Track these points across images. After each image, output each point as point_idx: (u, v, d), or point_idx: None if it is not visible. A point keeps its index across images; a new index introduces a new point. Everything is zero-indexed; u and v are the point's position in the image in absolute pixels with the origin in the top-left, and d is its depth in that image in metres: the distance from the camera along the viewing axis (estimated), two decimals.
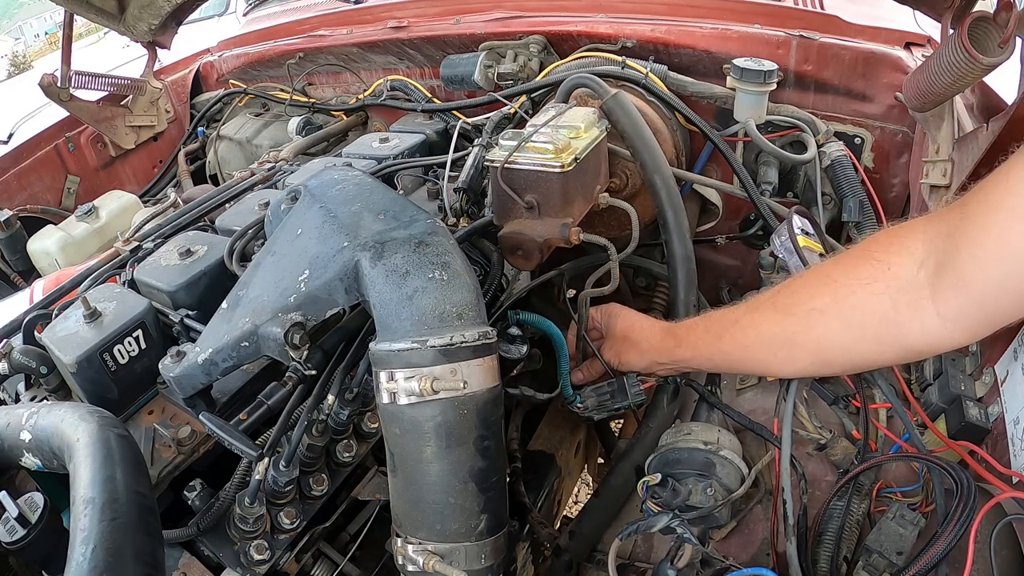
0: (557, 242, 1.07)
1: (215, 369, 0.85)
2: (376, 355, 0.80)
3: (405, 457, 0.80)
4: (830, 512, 0.91)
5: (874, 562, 0.83)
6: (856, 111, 1.46)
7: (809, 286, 0.90)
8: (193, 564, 0.89)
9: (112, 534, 0.61)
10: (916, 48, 1.41)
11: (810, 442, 1.03)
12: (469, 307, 0.81)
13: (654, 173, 1.22)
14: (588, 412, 1.16)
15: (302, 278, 0.84)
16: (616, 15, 1.65)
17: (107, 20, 2.17)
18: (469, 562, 0.79)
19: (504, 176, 1.08)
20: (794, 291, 0.91)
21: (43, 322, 1.03)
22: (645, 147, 1.24)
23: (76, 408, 0.76)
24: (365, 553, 1.06)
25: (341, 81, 2.26)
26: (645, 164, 1.24)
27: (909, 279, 0.77)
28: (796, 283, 0.92)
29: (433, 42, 1.90)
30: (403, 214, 0.88)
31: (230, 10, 3.23)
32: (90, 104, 2.25)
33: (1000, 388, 0.91)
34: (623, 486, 1.15)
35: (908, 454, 0.93)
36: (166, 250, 1.13)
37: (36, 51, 36.86)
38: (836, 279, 0.86)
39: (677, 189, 1.23)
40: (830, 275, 0.87)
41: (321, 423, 0.95)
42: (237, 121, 2.37)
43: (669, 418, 1.17)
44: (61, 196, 2.28)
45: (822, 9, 1.52)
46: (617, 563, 0.91)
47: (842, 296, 0.84)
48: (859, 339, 0.84)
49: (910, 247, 0.78)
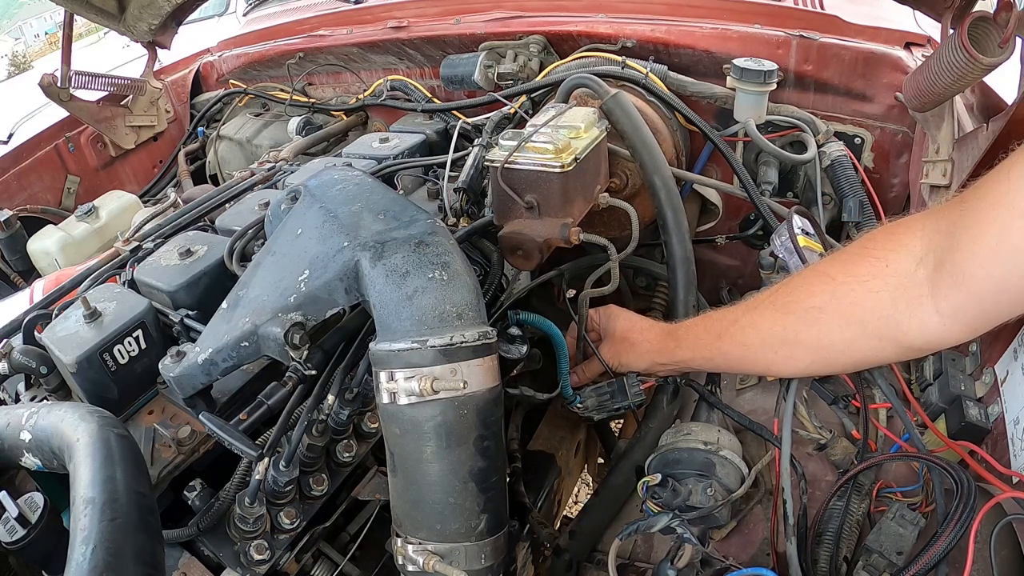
0: (557, 242, 1.07)
1: (215, 369, 0.85)
2: (376, 355, 0.80)
3: (405, 457, 0.80)
4: (830, 512, 0.91)
5: (874, 562, 0.83)
6: (856, 111, 1.46)
7: (807, 284, 0.90)
8: (193, 564, 0.89)
9: (112, 534, 0.61)
10: (916, 48, 1.41)
11: (810, 442, 1.03)
12: (469, 307, 0.81)
13: (653, 173, 1.23)
14: (588, 412, 1.16)
15: (302, 278, 0.84)
16: (616, 15, 1.65)
17: (107, 20, 2.17)
18: (469, 562, 0.79)
19: (504, 176, 1.08)
20: (792, 289, 0.91)
21: (43, 322, 1.03)
22: (645, 147, 1.24)
23: (76, 408, 0.76)
24: (365, 553, 1.06)
25: (341, 81, 2.26)
26: (644, 164, 1.24)
27: (907, 276, 0.77)
28: (794, 282, 0.92)
29: (433, 42, 1.90)
30: (403, 214, 0.88)
31: (230, 10, 3.23)
32: (90, 104, 2.25)
33: (1000, 388, 0.91)
34: (623, 486, 1.15)
35: (907, 453, 0.93)
36: (166, 250, 1.13)
37: (36, 51, 36.87)
38: (834, 277, 0.85)
39: (676, 190, 1.24)
40: (828, 273, 0.87)
41: (321, 423, 0.95)
42: (237, 121, 2.37)
43: (669, 418, 1.17)
44: (61, 196, 2.28)
45: (822, 9, 1.52)
46: (617, 563, 0.91)
47: (840, 294, 0.84)
48: (858, 336, 0.84)
49: (908, 244, 0.78)
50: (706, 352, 1.02)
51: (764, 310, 0.94)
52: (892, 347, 0.83)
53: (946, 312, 0.75)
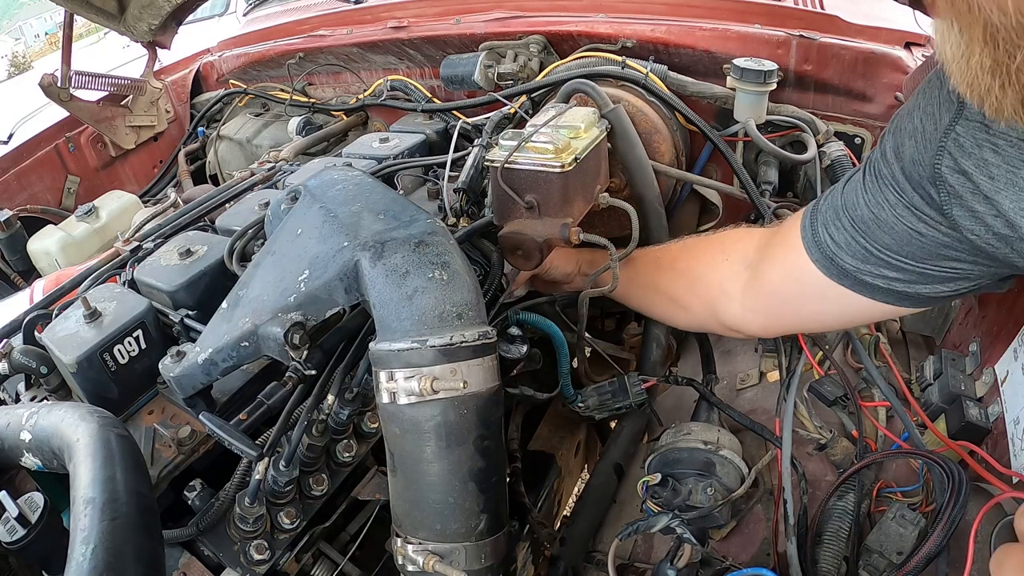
0: (557, 242, 1.07)
1: (215, 369, 0.85)
2: (376, 355, 0.80)
3: (405, 457, 0.80)
4: (830, 512, 0.91)
5: (874, 562, 0.83)
6: (856, 111, 1.46)
7: (683, 249, 1.11)
8: (193, 564, 0.89)
9: (112, 534, 0.61)
10: (916, 48, 1.41)
11: (810, 442, 1.03)
12: (469, 307, 0.81)
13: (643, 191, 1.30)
14: (589, 412, 1.16)
15: (302, 278, 0.84)
16: (616, 15, 1.65)
17: (107, 20, 2.17)
18: (469, 562, 0.79)
19: (504, 176, 1.08)
20: (672, 249, 1.14)
21: (43, 322, 1.03)
22: (639, 167, 1.29)
23: (76, 408, 0.76)
24: (365, 553, 1.06)
25: (341, 81, 2.26)
26: (635, 183, 1.30)
27: (735, 272, 0.98)
28: (678, 244, 1.13)
29: (433, 42, 1.90)
30: (403, 214, 0.88)
31: (230, 10, 3.24)
32: (90, 104, 2.25)
33: (1000, 388, 0.91)
34: (605, 485, 1.17)
35: (904, 451, 0.93)
36: (166, 250, 1.13)
37: (36, 51, 36.91)
38: (695, 254, 1.08)
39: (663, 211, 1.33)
40: (696, 247, 1.09)
41: (321, 423, 0.95)
42: (237, 121, 2.37)
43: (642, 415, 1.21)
44: (61, 196, 2.28)
45: (822, 9, 1.52)
46: (617, 563, 0.92)
47: (694, 266, 1.07)
48: (695, 303, 1.07)
49: (746, 247, 0.99)
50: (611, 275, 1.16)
51: (650, 257, 1.16)
52: (714, 322, 1.05)
53: (748, 308, 0.97)
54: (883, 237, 0.74)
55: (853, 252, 0.77)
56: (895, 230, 0.72)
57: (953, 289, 0.74)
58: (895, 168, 0.71)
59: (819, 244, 0.81)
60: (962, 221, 0.65)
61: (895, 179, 0.71)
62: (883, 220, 0.73)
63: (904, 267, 0.74)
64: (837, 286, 0.80)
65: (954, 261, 0.70)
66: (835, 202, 0.81)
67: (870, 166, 0.76)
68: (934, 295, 0.75)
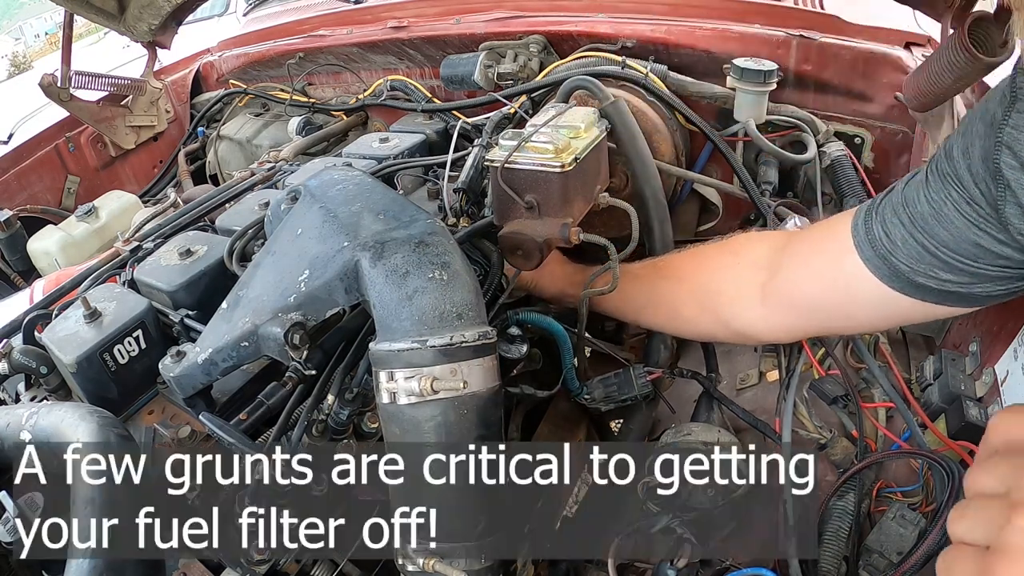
0: (557, 242, 1.07)
1: (215, 369, 0.85)
2: (376, 355, 0.80)
3: None
4: (830, 512, 0.91)
5: (874, 562, 0.83)
6: (856, 111, 1.46)
7: (685, 259, 1.08)
8: (193, 564, 0.89)
9: (112, 534, 0.61)
10: (916, 48, 1.41)
11: (810, 442, 1.03)
12: (469, 307, 0.81)
13: (644, 184, 1.27)
14: (596, 403, 1.16)
15: (302, 278, 0.84)
16: (616, 15, 1.65)
17: (107, 20, 2.17)
18: (469, 562, 0.79)
19: (504, 176, 1.08)
20: (672, 260, 1.11)
21: (43, 322, 1.04)
22: (639, 158, 1.26)
23: (76, 408, 0.76)
24: None
25: (341, 81, 2.25)
26: (636, 174, 1.27)
27: (750, 278, 0.95)
28: (677, 255, 1.10)
29: (433, 42, 1.90)
30: (403, 214, 0.88)
31: (230, 10, 3.23)
32: (90, 104, 2.25)
33: (1000, 388, 0.91)
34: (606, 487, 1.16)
35: (904, 451, 0.93)
36: (166, 250, 1.13)
37: (36, 51, 36.89)
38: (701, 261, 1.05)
39: (665, 202, 1.29)
40: (701, 253, 1.07)
41: (321, 423, 0.95)
42: (237, 121, 2.37)
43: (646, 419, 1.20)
44: (61, 196, 2.28)
45: (822, 9, 1.52)
46: (617, 563, 0.91)
47: (699, 274, 1.04)
48: (701, 313, 1.03)
49: (759, 252, 0.97)
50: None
51: (648, 270, 1.12)
52: (723, 329, 1.01)
53: (769, 312, 0.93)
54: (941, 233, 0.72)
55: (908, 249, 0.75)
56: (955, 224, 0.70)
57: (1007, 289, 0.72)
58: (960, 166, 0.70)
59: (872, 242, 0.79)
60: (1013, 220, 0.64)
61: (959, 176, 0.70)
62: (944, 215, 0.71)
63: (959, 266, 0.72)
64: (882, 285, 0.78)
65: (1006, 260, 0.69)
66: (894, 199, 0.79)
67: (933, 165, 0.75)
68: (986, 294, 0.73)
